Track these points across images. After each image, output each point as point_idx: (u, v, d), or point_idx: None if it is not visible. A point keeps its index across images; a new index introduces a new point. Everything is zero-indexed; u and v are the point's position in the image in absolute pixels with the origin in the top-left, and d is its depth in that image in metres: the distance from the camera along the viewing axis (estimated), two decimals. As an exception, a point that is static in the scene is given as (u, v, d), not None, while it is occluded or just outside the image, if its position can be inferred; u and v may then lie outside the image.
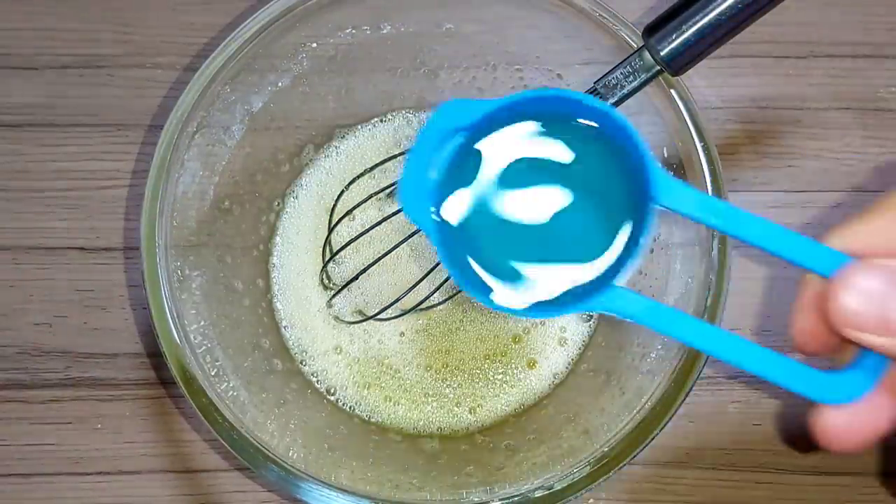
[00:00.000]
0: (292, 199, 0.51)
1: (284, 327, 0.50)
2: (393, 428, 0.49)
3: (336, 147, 0.52)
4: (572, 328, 0.50)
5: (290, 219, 0.51)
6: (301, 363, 0.50)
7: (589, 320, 0.50)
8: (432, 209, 0.31)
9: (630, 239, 0.30)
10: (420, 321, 0.50)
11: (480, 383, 0.49)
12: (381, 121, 0.52)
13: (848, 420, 0.28)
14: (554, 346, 0.50)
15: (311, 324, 0.50)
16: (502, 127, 0.31)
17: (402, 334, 0.50)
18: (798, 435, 0.49)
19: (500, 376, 0.49)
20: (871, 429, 0.28)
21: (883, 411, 0.28)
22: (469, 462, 0.46)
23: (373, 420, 0.49)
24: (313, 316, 0.50)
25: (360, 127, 0.52)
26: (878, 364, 0.28)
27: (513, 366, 0.49)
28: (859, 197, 0.52)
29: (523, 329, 0.50)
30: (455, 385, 0.49)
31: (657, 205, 0.30)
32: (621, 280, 0.30)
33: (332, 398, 0.49)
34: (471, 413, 0.49)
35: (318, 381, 0.49)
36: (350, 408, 0.49)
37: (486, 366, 0.49)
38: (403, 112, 0.52)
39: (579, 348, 0.50)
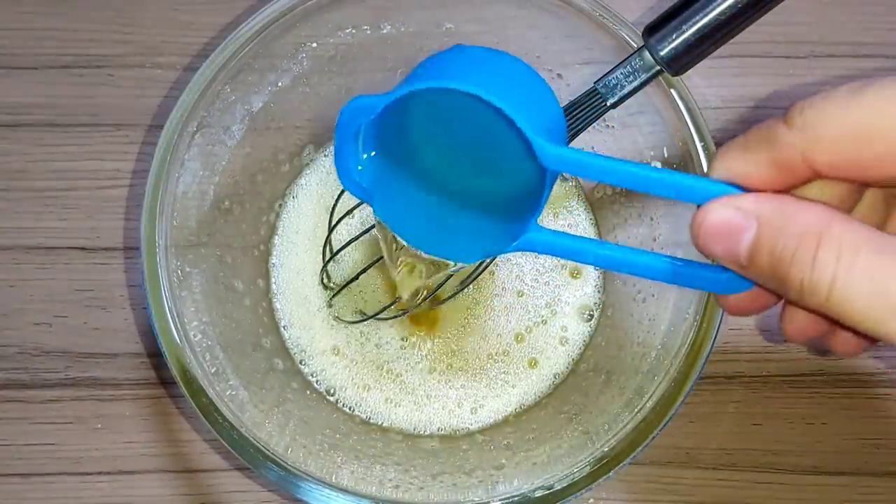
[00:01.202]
0: (292, 198, 0.51)
1: (284, 327, 0.50)
2: (393, 429, 0.49)
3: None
4: (573, 328, 0.50)
5: (290, 219, 0.51)
6: (300, 363, 0.50)
7: (590, 320, 0.50)
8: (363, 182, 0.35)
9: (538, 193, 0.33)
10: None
11: (483, 384, 0.49)
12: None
13: (741, 298, 0.31)
14: (555, 345, 0.50)
15: (310, 324, 0.50)
16: (413, 109, 0.34)
17: (403, 339, 0.50)
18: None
19: (502, 375, 0.49)
20: (760, 305, 0.31)
21: (767, 295, 0.31)
22: (469, 462, 0.46)
23: (373, 421, 0.49)
24: (313, 316, 0.50)
25: (360, 126, 0.52)
26: None
27: (514, 365, 0.49)
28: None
29: (525, 328, 0.50)
30: (458, 386, 0.49)
31: (549, 168, 0.31)
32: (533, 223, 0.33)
33: (331, 399, 0.49)
34: (472, 413, 0.49)
35: (317, 382, 0.49)
36: (350, 408, 0.49)
37: (488, 365, 0.49)
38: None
39: (580, 348, 0.50)
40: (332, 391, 0.49)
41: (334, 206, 0.50)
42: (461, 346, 0.50)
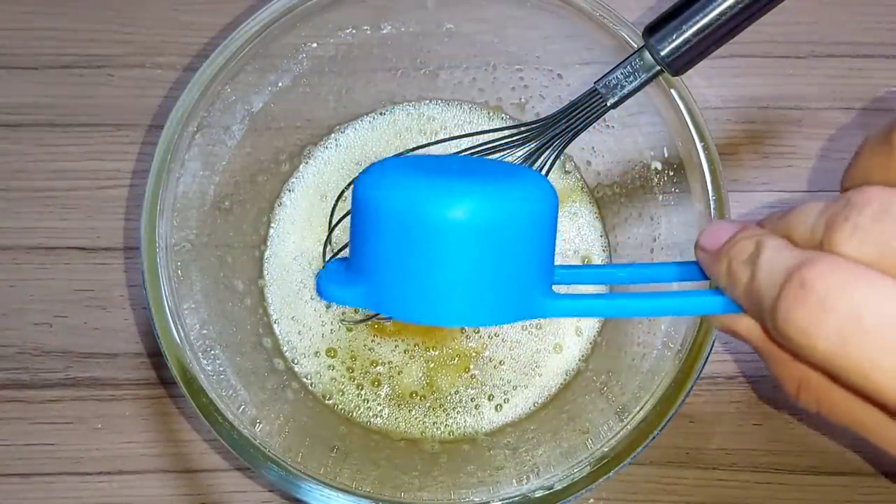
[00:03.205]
0: (288, 192, 0.51)
1: (281, 326, 0.50)
2: (397, 433, 0.49)
3: (336, 140, 0.52)
4: (585, 319, 0.50)
5: (286, 214, 0.51)
6: (293, 362, 0.50)
7: (598, 315, 0.50)
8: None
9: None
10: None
11: (515, 366, 0.49)
12: (381, 114, 0.52)
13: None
14: (572, 333, 0.50)
15: (309, 324, 0.50)
16: None
17: (408, 344, 0.50)
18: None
19: (533, 355, 0.49)
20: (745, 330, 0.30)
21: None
22: (469, 462, 0.46)
23: (371, 424, 0.49)
24: (310, 315, 0.50)
25: (358, 120, 0.52)
26: None
27: (545, 342, 0.49)
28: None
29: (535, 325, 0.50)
30: (480, 383, 0.49)
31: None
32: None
33: (329, 402, 0.49)
34: (496, 410, 0.49)
35: (316, 383, 0.49)
36: (348, 412, 0.49)
37: (523, 339, 0.49)
38: (403, 105, 0.52)
39: (588, 344, 0.50)
40: (328, 395, 0.49)
41: (334, 206, 0.50)
42: (457, 346, 0.50)
